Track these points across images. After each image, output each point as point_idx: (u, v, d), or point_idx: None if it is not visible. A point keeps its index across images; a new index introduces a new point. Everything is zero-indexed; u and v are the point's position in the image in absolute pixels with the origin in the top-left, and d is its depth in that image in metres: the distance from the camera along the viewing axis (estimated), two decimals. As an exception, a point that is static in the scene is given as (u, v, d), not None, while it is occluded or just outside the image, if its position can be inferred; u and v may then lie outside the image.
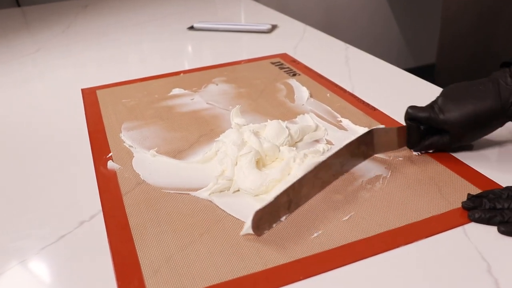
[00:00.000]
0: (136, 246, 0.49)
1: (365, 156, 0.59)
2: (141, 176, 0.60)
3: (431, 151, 0.60)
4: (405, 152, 0.62)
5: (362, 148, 0.59)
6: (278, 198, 0.50)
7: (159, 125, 0.73)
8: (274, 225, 0.50)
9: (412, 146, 0.61)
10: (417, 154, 0.60)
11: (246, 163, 0.57)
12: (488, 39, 1.23)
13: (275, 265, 0.46)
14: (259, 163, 0.58)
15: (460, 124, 0.56)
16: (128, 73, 0.96)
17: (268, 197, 0.51)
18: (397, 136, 0.60)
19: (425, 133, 0.59)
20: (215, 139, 0.63)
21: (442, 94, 0.59)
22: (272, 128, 0.64)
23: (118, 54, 1.09)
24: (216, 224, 0.51)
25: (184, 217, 0.52)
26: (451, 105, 0.56)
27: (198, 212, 0.53)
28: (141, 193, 0.57)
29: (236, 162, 0.57)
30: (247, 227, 0.48)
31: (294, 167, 0.57)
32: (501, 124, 0.57)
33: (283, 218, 0.51)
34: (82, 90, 0.89)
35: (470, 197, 0.52)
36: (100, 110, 0.79)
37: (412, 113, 0.59)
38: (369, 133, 0.59)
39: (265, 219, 0.49)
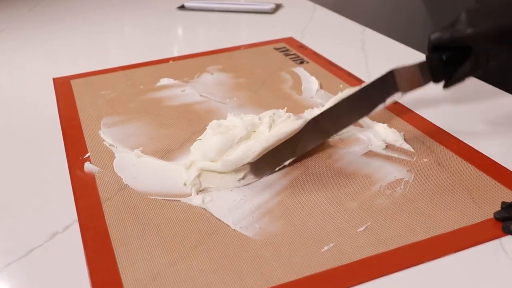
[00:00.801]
0: (117, 261, 0.49)
1: (386, 98, 0.62)
2: (123, 180, 0.60)
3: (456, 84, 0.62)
4: (430, 152, 0.62)
5: (383, 92, 0.62)
6: (280, 139, 0.53)
7: (145, 120, 0.73)
8: (276, 168, 0.50)
9: (437, 80, 0.63)
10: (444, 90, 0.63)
11: (208, 133, 0.59)
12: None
13: (279, 284, 0.46)
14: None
15: (491, 37, 0.56)
16: (108, 60, 0.97)
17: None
18: (420, 71, 0.62)
19: (448, 66, 0.61)
20: (198, 138, 0.63)
21: (467, 10, 0.59)
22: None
23: (96, 37, 1.09)
24: (211, 236, 0.51)
25: (174, 227, 0.53)
26: (480, 18, 0.57)
27: (190, 221, 0.53)
28: (124, 200, 0.57)
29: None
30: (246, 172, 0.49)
31: (260, 127, 0.59)
32: None
33: (287, 162, 0.51)
34: (54, 79, 0.89)
35: (505, 206, 0.52)
36: (75, 103, 0.80)
37: (436, 39, 0.60)
38: (391, 74, 0.61)
39: (265, 160, 0.49)
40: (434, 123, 0.69)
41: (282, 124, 0.59)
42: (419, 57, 0.90)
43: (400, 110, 0.73)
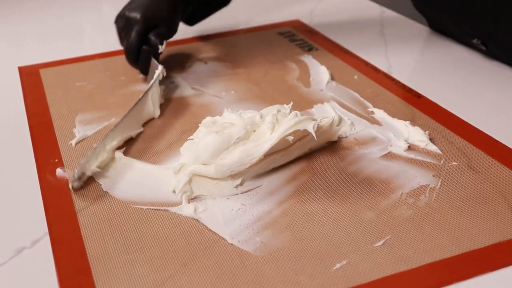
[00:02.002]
0: (95, 281, 0.49)
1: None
2: (102, 186, 0.61)
3: None
4: (460, 154, 0.63)
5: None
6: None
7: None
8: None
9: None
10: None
11: (203, 135, 0.60)
12: None
13: (284, 307, 0.46)
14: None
15: None
16: (83, 46, 0.97)
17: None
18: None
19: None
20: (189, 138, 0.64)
21: None
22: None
23: (69, 20, 1.10)
24: (204, 251, 0.52)
25: (161, 241, 0.53)
26: None
27: (180, 234, 0.54)
28: (103, 210, 0.57)
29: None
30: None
31: (262, 127, 0.59)
32: None
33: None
34: (20, 68, 0.89)
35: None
36: (45, 97, 0.80)
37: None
38: None
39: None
40: (465, 120, 0.69)
41: (286, 125, 0.59)
42: (446, 42, 0.90)
43: (424, 105, 0.73)
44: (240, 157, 0.58)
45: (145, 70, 0.80)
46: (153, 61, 0.78)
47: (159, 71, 0.76)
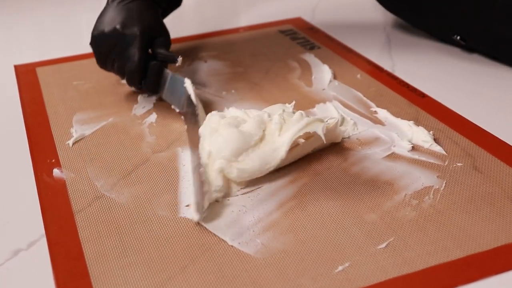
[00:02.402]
0: (93, 284, 0.49)
1: None
2: (99, 187, 0.61)
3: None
4: (465, 155, 0.63)
5: None
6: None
7: (125, 116, 0.74)
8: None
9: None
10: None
11: (222, 125, 0.59)
12: None
13: (285, 310, 0.47)
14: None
15: None
16: (80, 45, 0.97)
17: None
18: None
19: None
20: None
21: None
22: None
23: (66, 17, 1.10)
24: (204, 254, 0.52)
25: (160, 244, 0.53)
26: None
27: (179, 237, 0.54)
28: (101, 211, 0.58)
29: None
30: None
31: (270, 127, 0.60)
32: None
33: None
34: (16, 67, 0.89)
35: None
36: (41, 96, 0.80)
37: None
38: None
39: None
40: (470, 120, 0.69)
41: (296, 128, 0.59)
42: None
43: (429, 104, 0.73)
44: (260, 164, 0.58)
45: (157, 88, 0.73)
46: (172, 74, 0.72)
47: (190, 86, 0.68)
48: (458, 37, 0.85)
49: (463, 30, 0.84)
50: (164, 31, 0.75)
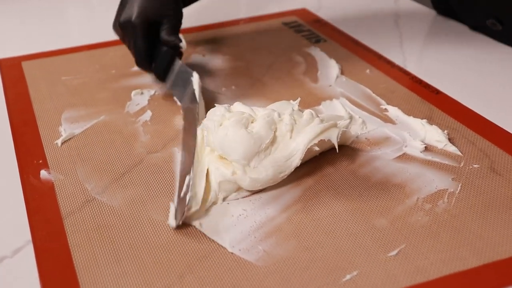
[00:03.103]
0: (83, 293, 0.49)
1: None
2: (90, 190, 0.61)
3: None
4: (482, 156, 0.63)
5: None
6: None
7: (118, 114, 0.74)
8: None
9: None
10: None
11: (230, 123, 0.59)
12: None
13: (289, 322, 0.47)
14: None
15: None
16: (70, 37, 0.97)
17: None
18: None
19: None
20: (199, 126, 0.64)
21: None
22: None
23: (53, 8, 1.10)
24: (202, 261, 0.52)
25: (156, 251, 0.53)
26: None
27: (176, 243, 0.54)
28: (91, 216, 0.58)
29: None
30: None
31: (281, 127, 0.60)
32: None
33: None
34: (0, 61, 0.89)
35: None
36: (28, 92, 0.80)
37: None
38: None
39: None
40: (487, 118, 0.69)
41: (311, 134, 0.59)
42: (467, 34, 0.91)
43: (443, 101, 0.73)
44: (274, 173, 0.58)
45: (164, 75, 0.75)
46: (182, 65, 0.74)
47: (196, 80, 0.71)
48: (494, 21, 0.82)
49: (502, 10, 0.81)
50: (170, 14, 0.75)
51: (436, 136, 0.65)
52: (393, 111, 0.72)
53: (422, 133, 0.66)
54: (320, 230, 0.54)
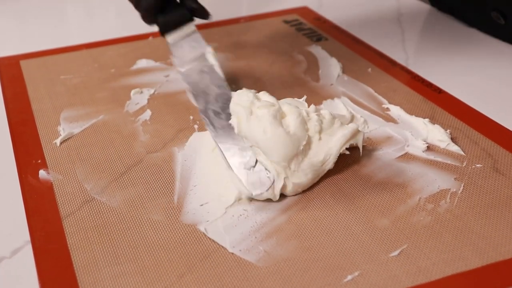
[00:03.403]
0: (82, 294, 0.50)
1: None
2: (89, 190, 0.61)
3: None
4: (485, 155, 0.63)
5: None
6: None
7: (117, 113, 0.74)
8: None
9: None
10: None
11: (267, 119, 0.59)
12: None
13: (290, 323, 0.47)
14: None
15: None
16: (68, 36, 0.97)
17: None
18: None
19: None
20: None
21: None
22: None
23: (52, 6, 1.10)
24: (202, 262, 0.52)
25: (155, 251, 0.53)
26: None
27: (176, 243, 0.54)
28: (91, 216, 0.58)
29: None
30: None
31: (310, 128, 0.60)
32: None
33: None
34: (-1, 60, 0.90)
35: None
36: (26, 91, 0.80)
37: None
38: None
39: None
40: (490, 118, 0.69)
41: (342, 139, 0.60)
42: (471, 33, 0.91)
43: (445, 101, 0.73)
44: (313, 177, 0.59)
45: (168, 29, 0.70)
46: (198, 35, 0.71)
47: (212, 55, 0.69)
48: (497, 14, 0.81)
49: (506, 2, 0.80)
50: None
51: (438, 135, 0.65)
52: (395, 110, 0.72)
53: (424, 132, 0.67)
54: (321, 230, 0.54)
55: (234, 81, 0.80)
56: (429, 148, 0.64)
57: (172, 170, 0.63)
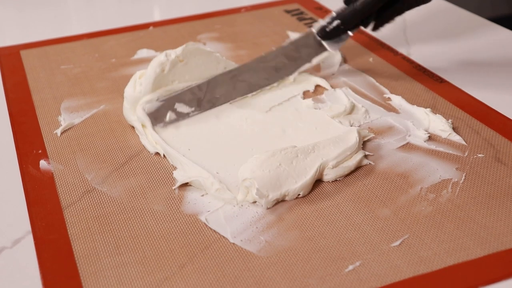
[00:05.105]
0: (83, 285, 0.49)
1: (310, 58, 0.76)
2: (90, 180, 0.61)
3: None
4: (487, 145, 0.63)
5: (303, 51, 0.75)
6: (180, 95, 0.69)
7: (118, 104, 0.74)
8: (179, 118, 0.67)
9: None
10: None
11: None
12: None
13: (291, 313, 0.47)
14: None
15: None
16: (69, 26, 0.97)
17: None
18: None
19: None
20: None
21: None
22: None
23: (53, -4, 1.10)
24: (204, 251, 0.52)
25: (156, 241, 0.53)
26: None
27: (177, 233, 0.54)
28: (91, 206, 0.58)
29: None
30: None
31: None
32: None
33: (191, 114, 0.69)
34: (-1, 50, 0.90)
35: None
36: (26, 81, 0.80)
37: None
38: (310, 35, 0.75)
39: (162, 111, 0.67)
40: (492, 107, 0.69)
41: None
42: (474, 21, 0.90)
43: (447, 90, 0.73)
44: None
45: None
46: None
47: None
48: None
49: None
50: None
51: (440, 125, 0.65)
52: (397, 100, 0.72)
53: (426, 122, 0.66)
54: (322, 220, 0.55)
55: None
56: (431, 138, 0.64)
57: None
